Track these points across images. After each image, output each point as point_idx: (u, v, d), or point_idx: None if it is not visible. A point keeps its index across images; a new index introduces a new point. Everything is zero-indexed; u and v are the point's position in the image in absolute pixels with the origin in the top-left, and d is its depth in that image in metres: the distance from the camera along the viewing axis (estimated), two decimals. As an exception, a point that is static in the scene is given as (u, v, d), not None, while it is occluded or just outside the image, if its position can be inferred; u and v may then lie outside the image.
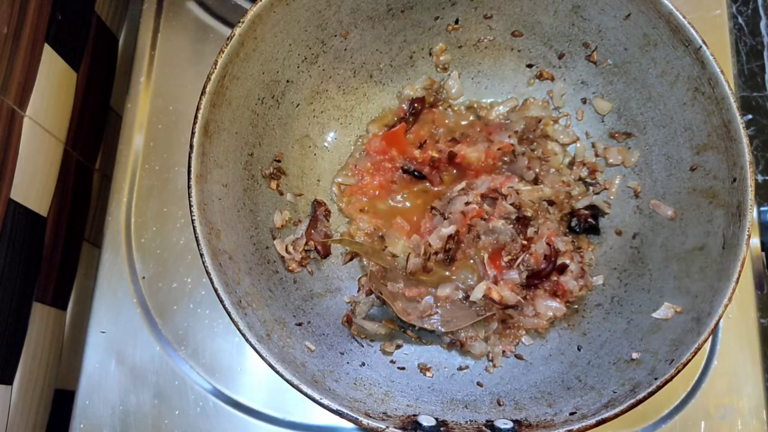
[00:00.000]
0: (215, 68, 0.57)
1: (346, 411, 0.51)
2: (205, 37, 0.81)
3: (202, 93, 0.56)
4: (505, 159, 0.71)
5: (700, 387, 0.70)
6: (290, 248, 0.66)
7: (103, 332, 0.73)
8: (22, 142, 0.68)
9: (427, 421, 0.54)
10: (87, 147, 0.83)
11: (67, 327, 0.80)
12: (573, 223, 0.69)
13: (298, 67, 0.66)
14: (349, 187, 0.71)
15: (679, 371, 0.52)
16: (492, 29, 0.70)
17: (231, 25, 0.81)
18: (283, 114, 0.67)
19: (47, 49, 0.72)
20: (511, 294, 0.65)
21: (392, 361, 0.64)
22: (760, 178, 1.26)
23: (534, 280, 0.66)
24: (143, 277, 0.74)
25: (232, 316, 0.53)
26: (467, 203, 0.68)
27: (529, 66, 0.72)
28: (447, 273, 0.68)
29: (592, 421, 0.51)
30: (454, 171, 0.71)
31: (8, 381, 0.69)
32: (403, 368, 0.64)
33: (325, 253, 0.68)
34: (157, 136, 0.78)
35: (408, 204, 0.71)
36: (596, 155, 0.71)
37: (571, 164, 0.71)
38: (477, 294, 0.65)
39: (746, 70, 1.30)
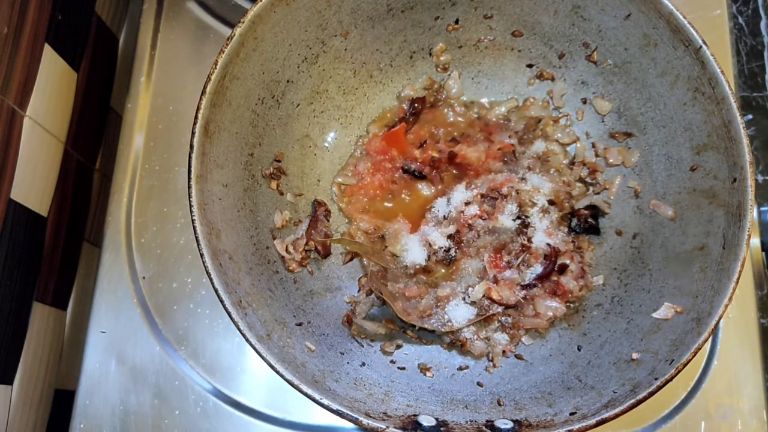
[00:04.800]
0: (215, 68, 0.57)
1: (346, 411, 0.51)
2: (205, 37, 0.81)
3: (203, 93, 0.56)
4: (505, 159, 0.71)
5: (700, 387, 0.70)
6: (290, 248, 0.66)
7: (103, 332, 0.73)
8: (22, 142, 0.68)
9: (427, 421, 0.54)
10: (87, 147, 0.83)
11: (67, 327, 0.80)
12: (573, 223, 0.69)
13: (298, 67, 0.66)
14: (349, 187, 0.71)
15: (679, 371, 0.52)
16: (492, 29, 0.70)
17: (231, 25, 0.81)
18: (284, 114, 0.67)
19: (47, 49, 0.72)
20: (511, 294, 0.65)
21: (392, 361, 0.64)
22: (760, 178, 1.26)
23: (534, 280, 0.66)
24: (143, 277, 0.74)
25: (232, 316, 0.53)
26: (467, 203, 0.68)
27: (529, 66, 0.72)
28: (447, 273, 0.68)
29: (592, 421, 0.51)
30: (454, 171, 0.71)
31: (8, 381, 0.69)
32: (403, 368, 0.64)
33: (326, 253, 0.68)
34: (157, 136, 0.78)
35: (408, 204, 0.71)
36: (596, 155, 0.71)
37: (571, 164, 0.71)
38: (477, 294, 0.65)
39: (746, 70, 1.30)
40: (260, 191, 0.65)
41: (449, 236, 0.67)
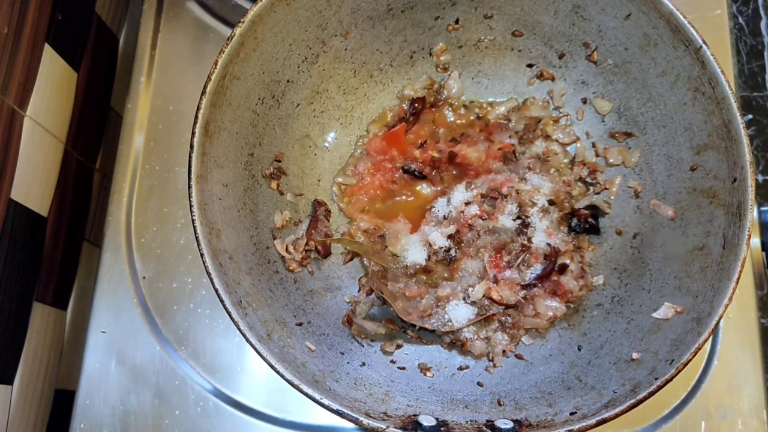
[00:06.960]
0: (215, 68, 0.57)
1: (346, 411, 0.51)
2: (205, 37, 0.81)
3: (203, 93, 0.56)
4: (505, 159, 0.71)
5: (700, 387, 0.70)
6: (290, 248, 0.66)
7: (104, 332, 0.73)
8: (22, 142, 0.68)
9: (427, 421, 0.54)
10: (87, 147, 0.83)
11: (67, 327, 0.80)
12: (573, 223, 0.69)
13: (298, 67, 0.66)
14: (349, 187, 0.71)
15: (679, 371, 0.52)
16: (492, 29, 0.70)
17: (231, 25, 0.81)
18: (284, 114, 0.67)
19: (47, 49, 0.72)
20: (511, 294, 0.65)
21: (392, 361, 0.64)
22: (760, 178, 1.26)
23: (534, 279, 0.66)
24: (143, 277, 0.74)
25: (232, 316, 0.53)
26: (467, 203, 0.68)
27: (530, 66, 0.72)
28: (447, 273, 0.68)
29: (593, 421, 0.51)
30: (454, 171, 0.71)
31: (8, 381, 0.69)
32: (403, 368, 0.64)
33: (326, 253, 0.68)
34: (157, 136, 0.78)
35: (408, 204, 0.71)
36: (596, 155, 0.71)
37: (571, 164, 0.71)
38: (477, 294, 0.65)
39: (746, 70, 1.30)
40: (260, 191, 0.65)
41: (449, 236, 0.67)
